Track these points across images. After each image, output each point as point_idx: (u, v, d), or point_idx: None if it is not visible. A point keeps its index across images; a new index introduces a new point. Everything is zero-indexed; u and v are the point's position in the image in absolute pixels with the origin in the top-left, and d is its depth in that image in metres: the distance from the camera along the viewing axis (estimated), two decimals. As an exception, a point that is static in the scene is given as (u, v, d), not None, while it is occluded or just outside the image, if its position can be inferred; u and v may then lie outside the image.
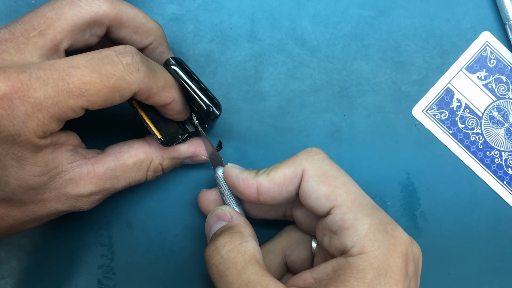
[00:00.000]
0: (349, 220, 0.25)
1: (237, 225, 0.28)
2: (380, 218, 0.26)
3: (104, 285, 0.34)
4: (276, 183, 0.27)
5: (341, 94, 0.36)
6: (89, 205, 0.28)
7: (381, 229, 0.25)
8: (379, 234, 0.25)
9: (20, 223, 0.27)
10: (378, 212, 0.26)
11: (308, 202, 0.27)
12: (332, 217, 0.26)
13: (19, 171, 0.24)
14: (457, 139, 0.36)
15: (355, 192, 0.26)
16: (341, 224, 0.25)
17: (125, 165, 0.29)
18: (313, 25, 0.36)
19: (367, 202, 0.26)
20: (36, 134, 0.24)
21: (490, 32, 0.37)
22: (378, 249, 0.24)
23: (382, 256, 0.24)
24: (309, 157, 0.27)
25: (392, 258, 0.24)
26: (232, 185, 0.29)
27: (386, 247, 0.24)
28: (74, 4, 0.26)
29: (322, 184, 0.26)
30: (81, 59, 0.24)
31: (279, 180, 0.27)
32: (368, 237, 0.25)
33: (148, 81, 0.26)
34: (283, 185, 0.27)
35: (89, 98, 0.24)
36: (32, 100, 0.23)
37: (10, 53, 0.25)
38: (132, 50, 0.26)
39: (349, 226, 0.25)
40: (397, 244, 0.25)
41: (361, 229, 0.25)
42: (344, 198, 0.26)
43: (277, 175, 0.27)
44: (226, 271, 0.25)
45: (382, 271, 0.24)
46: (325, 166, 0.27)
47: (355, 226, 0.25)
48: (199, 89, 0.30)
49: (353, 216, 0.25)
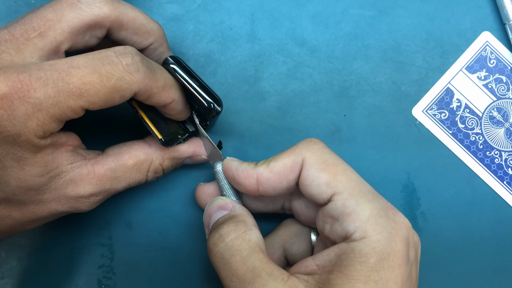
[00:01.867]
0: (350, 205, 0.25)
1: (240, 214, 0.28)
2: (381, 203, 0.26)
3: (104, 285, 0.34)
4: (276, 173, 0.27)
5: (341, 94, 0.36)
6: (89, 206, 0.28)
7: (382, 214, 0.25)
8: (381, 218, 0.25)
9: (19, 224, 0.27)
10: (378, 198, 0.26)
11: (308, 190, 0.27)
12: (333, 203, 0.26)
13: (19, 171, 0.24)
14: (457, 139, 0.36)
15: (355, 179, 0.26)
16: (343, 210, 0.25)
17: (125, 165, 0.29)
18: (313, 25, 0.36)
19: (367, 189, 0.26)
20: (36, 134, 0.24)
21: (490, 32, 0.37)
22: (380, 233, 0.24)
23: (385, 240, 0.24)
24: (309, 146, 0.27)
25: (394, 242, 0.25)
26: (232, 177, 0.29)
27: (388, 231, 0.25)
28: (74, 6, 0.26)
29: (322, 171, 0.26)
30: (81, 59, 0.24)
31: (279, 169, 0.27)
32: (370, 222, 0.25)
33: (148, 82, 0.26)
34: (283, 175, 0.27)
35: (89, 98, 0.24)
36: (32, 101, 0.23)
37: (10, 53, 0.25)
38: (132, 50, 0.26)
39: (350, 212, 0.25)
40: (399, 228, 0.25)
41: (362, 214, 0.25)
42: (345, 184, 0.26)
43: (277, 164, 0.27)
44: (230, 258, 0.25)
45: (384, 255, 0.24)
46: (325, 155, 0.27)
47: (357, 211, 0.25)
48: (199, 86, 0.30)
49: (354, 201, 0.25)
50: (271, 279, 0.24)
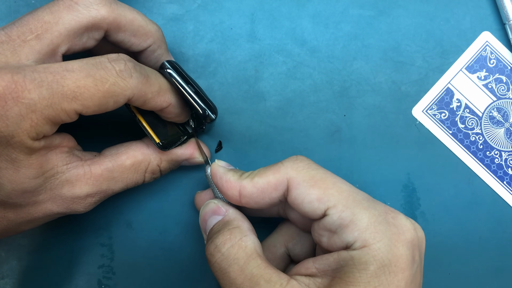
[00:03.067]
0: (347, 217, 0.25)
1: (234, 219, 0.28)
2: (378, 209, 0.26)
3: (104, 285, 0.34)
4: (260, 189, 0.27)
5: (341, 94, 0.36)
6: (86, 208, 0.28)
7: (381, 220, 0.25)
8: (380, 225, 0.25)
9: (15, 225, 0.27)
10: (375, 204, 0.26)
11: (301, 208, 0.26)
12: (329, 218, 0.26)
13: (14, 173, 0.24)
14: (457, 139, 0.36)
15: (347, 190, 0.26)
16: (340, 222, 0.25)
17: (123, 166, 0.29)
18: (313, 25, 0.36)
19: (361, 197, 0.26)
20: (30, 136, 0.23)
21: (490, 32, 0.37)
22: (380, 240, 0.24)
23: (385, 247, 0.24)
24: (295, 165, 0.27)
25: (396, 248, 0.24)
26: (216, 184, 0.29)
27: (389, 237, 0.24)
28: (72, 8, 0.26)
29: (311, 188, 0.26)
30: (76, 64, 0.24)
31: (262, 186, 0.27)
32: (369, 230, 0.24)
33: (142, 87, 0.26)
34: (266, 192, 0.27)
35: (83, 102, 0.24)
36: (26, 101, 0.23)
37: (6, 55, 0.24)
38: (124, 57, 0.26)
39: (348, 223, 0.25)
40: (400, 232, 0.25)
41: (360, 223, 0.25)
42: (337, 197, 0.26)
43: (261, 181, 0.27)
44: (228, 268, 0.25)
45: (386, 262, 0.24)
46: (311, 171, 0.27)
47: (354, 221, 0.25)
48: (194, 93, 0.29)
49: (350, 212, 0.25)
50: (270, 286, 0.24)
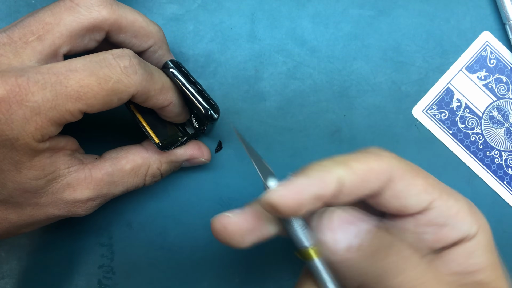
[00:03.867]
0: (453, 206, 0.24)
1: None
2: (461, 197, 0.25)
3: (104, 285, 0.34)
4: (361, 176, 0.22)
5: (341, 94, 0.36)
6: (86, 211, 0.28)
7: (470, 203, 0.25)
8: (473, 207, 0.25)
9: (16, 227, 0.27)
10: (458, 193, 0.26)
11: (403, 202, 0.24)
12: (436, 210, 0.24)
13: (16, 174, 0.24)
14: (457, 139, 0.36)
15: (438, 181, 0.25)
16: (448, 213, 0.24)
17: (123, 170, 0.29)
18: (313, 25, 0.36)
19: (447, 186, 0.26)
20: (35, 138, 0.23)
21: (490, 32, 0.37)
22: (482, 221, 0.25)
23: (487, 226, 0.25)
24: (389, 154, 0.24)
25: (490, 234, 0.25)
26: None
27: (483, 219, 0.25)
28: (73, 9, 0.26)
29: (416, 178, 0.24)
30: (79, 62, 0.24)
31: (364, 173, 0.22)
32: (471, 217, 0.25)
33: (145, 84, 0.26)
34: (367, 180, 0.23)
35: (87, 101, 0.24)
36: (30, 104, 0.23)
37: (8, 57, 0.24)
38: (129, 53, 0.26)
39: (457, 212, 0.24)
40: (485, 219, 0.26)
41: (463, 210, 0.24)
42: (437, 186, 0.24)
43: (362, 167, 0.22)
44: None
45: (491, 238, 0.25)
46: (403, 160, 0.24)
47: (459, 209, 0.24)
48: (197, 92, 0.30)
49: (454, 200, 0.24)
50: None
